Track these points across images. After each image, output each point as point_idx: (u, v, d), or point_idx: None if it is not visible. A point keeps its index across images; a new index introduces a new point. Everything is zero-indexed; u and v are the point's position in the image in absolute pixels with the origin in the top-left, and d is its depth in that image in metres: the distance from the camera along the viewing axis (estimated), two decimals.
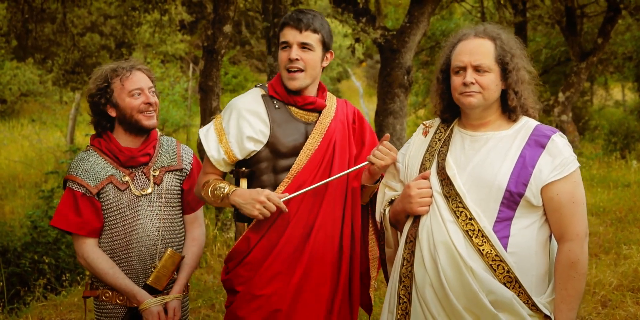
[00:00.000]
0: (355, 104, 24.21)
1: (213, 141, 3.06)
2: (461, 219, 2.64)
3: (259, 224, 2.97)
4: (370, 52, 22.50)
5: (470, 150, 2.74)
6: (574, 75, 14.37)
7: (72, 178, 3.24)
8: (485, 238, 2.58)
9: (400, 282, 2.77)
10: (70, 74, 12.59)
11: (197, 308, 5.80)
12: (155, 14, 11.89)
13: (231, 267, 3.05)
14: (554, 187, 2.61)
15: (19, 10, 10.46)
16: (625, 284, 5.89)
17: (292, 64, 2.98)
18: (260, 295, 2.93)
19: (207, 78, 7.98)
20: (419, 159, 2.87)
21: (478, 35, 2.73)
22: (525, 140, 2.67)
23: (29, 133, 18.85)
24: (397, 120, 9.34)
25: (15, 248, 7.62)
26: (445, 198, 2.70)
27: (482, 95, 2.69)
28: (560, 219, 2.64)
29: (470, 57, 2.69)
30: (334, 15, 9.43)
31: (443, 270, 2.61)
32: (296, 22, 2.98)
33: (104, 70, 3.30)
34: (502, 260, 2.57)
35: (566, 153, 2.63)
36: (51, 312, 6.00)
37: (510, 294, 2.56)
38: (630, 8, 13.32)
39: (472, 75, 2.67)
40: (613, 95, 23.31)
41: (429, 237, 2.68)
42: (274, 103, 3.08)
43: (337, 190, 3.04)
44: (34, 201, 10.87)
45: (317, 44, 3.02)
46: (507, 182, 2.60)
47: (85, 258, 3.22)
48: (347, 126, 3.17)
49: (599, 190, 9.92)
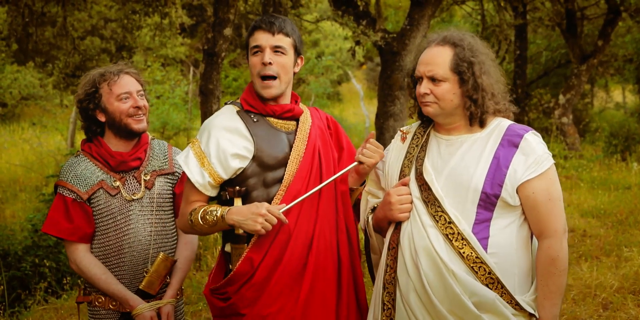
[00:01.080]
0: (355, 106, 24.20)
1: (195, 166, 2.92)
2: (440, 223, 2.65)
3: (260, 242, 2.87)
4: (370, 55, 22.55)
5: (447, 154, 2.76)
6: (575, 78, 14.37)
7: (62, 184, 3.23)
8: (465, 241, 2.61)
9: (384, 288, 2.79)
10: (70, 78, 12.61)
11: (198, 311, 5.80)
12: (156, 17, 11.91)
13: (232, 292, 2.90)
14: (530, 186, 2.63)
15: (20, 13, 10.48)
16: (626, 287, 5.88)
17: (266, 68, 2.89)
18: (267, 314, 2.84)
19: (207, 81, 7.98)
20: (398, 165, 2.89)
21: (439, 43, 2.74)
22: (498, 141, 2.69)
23: (30, 136, 18.83)
24: (398, 123, 9.35)
25: (16, 251, 7.61)
26: (424, 203, 2.71)
27: (437, 105, 2.72)
28: (538, 217, 2.66)
29: (425, 67, 2.72)
30: (334, 18, 9.45)
31: (425, 275, 2.63)
32: (268, 25, 2.91)
33: (91, 75, 3.30)
34: (483, 262, 2.59)
35: (539, 151, 2.65)
36: (52, 315, 6.00)
37: (493, 294, 2.58)
38: (631, 10, 13.32)
39: (427, 86, 2.71)
40: (613, 97, 23.28)
41: (410, 242, 2.70)
42: (252, 117, 2.98)
43: (329, 196, 3.00)
44: (34, 205, 10.86)
45: (290, 48, 2.95)
46: (483, 184, 2.62)
47: (77, 264, 3.21)
48: (325, 131, 3.13)
49: (600, 192, 9.90)
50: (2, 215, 11.28)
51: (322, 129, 3.12)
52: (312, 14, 17.08)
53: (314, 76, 23.24)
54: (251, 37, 2.96)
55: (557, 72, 17.76)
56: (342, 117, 20.91)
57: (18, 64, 19.18)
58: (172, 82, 20.02)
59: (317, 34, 25.68)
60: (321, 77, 23.54)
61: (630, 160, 12.68)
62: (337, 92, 28.09)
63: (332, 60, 24.12)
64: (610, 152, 13.39)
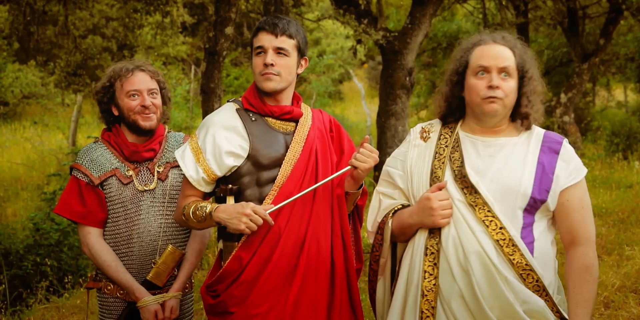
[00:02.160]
0: (357, 105, 24.21)
1: (190, 161, 2.97)
2: (491, 228, 2.59)
3: (249, 241, 2.89)
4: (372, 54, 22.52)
5: (486, 155, 2.70)
6: (576, 76, 14.36)
7: (77, 166, 3.28)
8: (516, 247, 2.56)
9: (423, 295, 2.66)
10: (72, 76, 12.59)
11: (199, 310, 5.79)
12: (157, 16, 11.90)
13: (222, 290, 2.92)
14: (567, 193, 2.64)
15: (21, 12, 10.48)
16: (627, 285, 5.88)
17: (267, 69, 2.91)
18: (256, 313, 2.84)
19: (208, 80, 7.98)
20: (427, 166, 2.78)
21: (497, 42, 2.71)
22: (539, 146, 2.68)
23: (31, 135, 18.88)
24: (399, 122, 9.34)
25: (18, 250, 7.63)
26: (471, 207, 2.63)
27: (503, 101, 2.66)
28: (572, 224, 2.66)
29: (496, 60, 2.66)
30: (335, 17, 9.44)
31: (477, 281, 2.56)
32: (272, 27, 2.92)
33: (111, 69, 3.35)
34: (531, 270, 2.55)
35: (577, 159, 2.68)
36: (53, 314, 6.00)
37: (543, 302, 2.55)
38: (633, 9, 13.31)
39: (497, 78, 2.65)
40: (615, 96, 23.27)
41: (457, 248, 2.62)
42: (250, 116, 3.00)
43: (324, 199, 2.98)
44: (36, 203, 10.88)
45: (293, 50, 2.96)
46: (532, 189, 2.60)
47: (89, 248, 3.24)
48: (325, 134, 3.12)
49: (601, 191, 9.90)
50: (3, 213, 11.30)
51: (322, 131, 3.11)
52: (313, 12, 17.09)
53: (315, 75, 23.24)
54: (255, 37, 2.98)
55: (558, 71, 17.76)
56: (343, 116, 20.93)
57: (19, 63, 19.18)
58: (173, 81, 20.05)
59: (318, 33, 25.70)
60: (322, 76, 23.54)
61: (631, 159, 12.67)
62: (339, 90, 28.10)
63: (334, 59, 24.12)
64: (611, 151, 13.39)
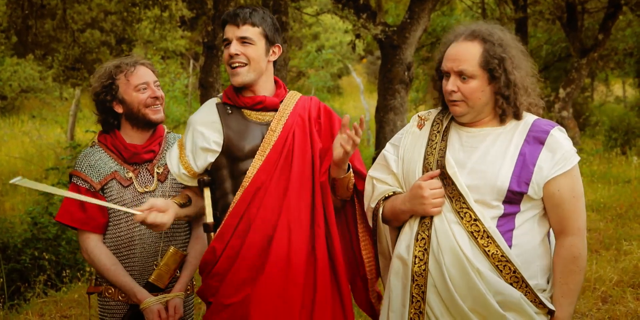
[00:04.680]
0: (355, 100, 24.20)
1: (175, 157, 3.10)
2: (465, 220, 2.59)
3: (222, 232, 2.92)
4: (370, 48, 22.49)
5: (469, 146, 2.68)
6: (575, 71, 14.37)
7: (76, 174, 3.26)
8: (491, 239, 2.54)
9: (413, 280, 2.68)
10: (70, 70, 12.58)
11: (197, 304, 5.81)
12: (156, 10, 11.89)
13: (202, 279, 3.01)
14: (556, 183, 2.57)
15: (19, 6, 10.46)
16: (625, 280, 5.89)
17: (233, 59, 2.93)
18: (229, 304, 2.86)
19: (207, 74, 7.99)
20: (420, 152, 2.78)
21: (467, 38, 2.63)
22: (523, 136, 2.62)
23: (29, 129, 18.86)
24: (398, 117, 9.35)
25: (16, 244, 7.63)
26: (448, 198, 2.64)
27: (465, 103, 2.63)
28: (562, 214, 2.60)
29: (453, 63, 2.62)
30: (334, 11, 9.44)
31: (448, 272, 2.57)
32: (233, 18, 2.94)
33: (107, 67, 3.30)
34: (508, 261, 2.53)
35: (567, 147, 2.59)
36: (51, 308, 6.00)
37: (519, 294, 2.53)
38: (631, 4, 13.30)
39: (455, 83, 2.62)
40: (614, 91, 23.30)
41: (434, 238, 2.63)
42: (227, 109, 3.04)
43: (302, 188, 2.93)
44: (34, 197, 10.88)
45: (258, 38, 2.95)
46: (509, 182, 2.56)
47: (88, 253, 3.23)
48: (307, 121, 3.06)
49: (600, 186, 9.91)
50: (1, 207, 11.30)
51: (304, 118, 3.06)
52: (312, 7, 17.05)
53: (314, 69, 23.25)
54: (223, 30, 3.01)
55: (557, 66, 17.76)
56: (342, 111, 20.93)
57: (18, 57, 19.17)
58: (172, 75, 20.04)
59: (317, 27, 25.68)
60: (321, 71, 23.54)
61: (630, 154, 12.69)
62: (337, 85, 28.09)
63: (332, 53, 24.11)
64: (610, 146, 13.42)
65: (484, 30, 2.64)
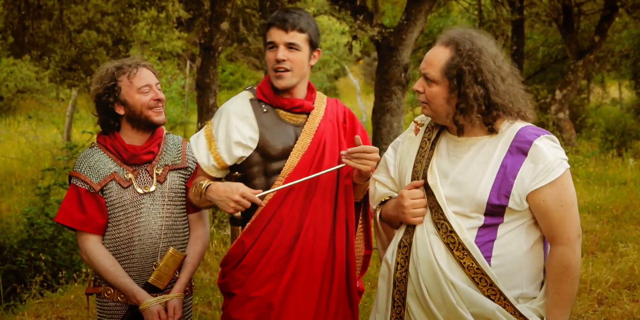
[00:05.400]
0: (352, 101, 24.19)
1: (203, 148, 3.08)
2: (442, 231, 2.57)
3: (252, 227, 2.99)
4: (367, 50, 22.52)
5: (454, 156, 2.65)
6: (571, 73, 14.39)
7: (76, 175, 3.26)
8: (466, 251, 2.52)
9: (395, 286, 2.71)
10: (67, 71, 12.56)
11: (194, 305, 5.80)
12: (153, 11, 11.88)
13: (227, 271, 3.08)
14: (540, 194, 2.51)
15: (16, 6, 10.44)
16: (621, 282, 5.90)
17: (279, 64, 2.97)
18: (254, 296, 2.95)
19: (204, 75, 7.97)
20: (411, 160, 2.78)
21: (443, 43, 2.62)
22: (507, 147, 2.56)
23: (26, 130, 18.82)
24: (394, 118, 9.34)
25: (12, 245, 7.61)
26: (429, 208, 2.64)
27: (429, 106, 2.64)
28: (551, 224, 2.55)
29: (423, 64, 2.64)
30: (331, 13, 9.43)
31: (424, 281, 2.58)
32: (282, 23, 2.95)
33: (108, 68, 3.29)
34: (484, 274, 2.51)
35: (550, 157, 2.51)
36: (47, 309, 5.99)
37: (494, 306, 2.49)
38: (628, 6, 13.33)
39: (422, 84, 2.64)
40: (610, 93, 23.31)
41: (415, 247, 2.64)
42: (262, 107, 3.07)
43: (327, 189, 3.02)
44: (30, 198, 10.85)
45: (304, 44, 3.01)
46: (489, 195, 2.52)
47: (87, 254, 3.23)
48: (336, 126, 3.15)
49: (596, 188, 9.93)
50: None
51: (334, 123, 3.15)
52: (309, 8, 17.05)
53: (311, 71, 23.22)
54: (267, 32, 3.03)
55: (553, 68, 17.78)
56: None
57: (14, 57, 19.10)
58: (168, 76, 20.03)
59: None
60: (318, 72, 23.54)
61: (626, 156, 12.71)
62: (334, 86, 28.07)
63: (329, 54, 24.12)
64: (606, 148, 13.42)
65: (460, 39, 2.59)
